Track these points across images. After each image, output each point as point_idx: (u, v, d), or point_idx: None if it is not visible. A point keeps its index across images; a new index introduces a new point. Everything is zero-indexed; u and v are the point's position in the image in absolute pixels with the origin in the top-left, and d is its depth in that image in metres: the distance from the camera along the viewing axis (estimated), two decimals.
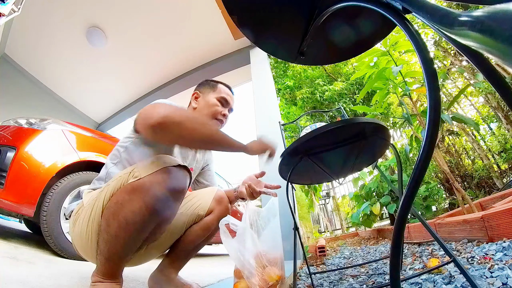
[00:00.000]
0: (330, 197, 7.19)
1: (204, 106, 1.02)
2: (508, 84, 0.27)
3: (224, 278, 1.48)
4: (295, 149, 0.89)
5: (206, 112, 1.01)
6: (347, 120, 0.84)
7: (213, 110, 1.01)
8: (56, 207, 1.44)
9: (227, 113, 1.05)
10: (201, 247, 1.04)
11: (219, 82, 1.10)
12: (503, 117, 4.59)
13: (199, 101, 1.04)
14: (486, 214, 1.20)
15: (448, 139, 4.65)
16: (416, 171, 0.36)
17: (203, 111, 1.01)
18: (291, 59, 0.75)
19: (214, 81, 1.09)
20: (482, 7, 0.18)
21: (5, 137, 1.45)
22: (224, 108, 1.04)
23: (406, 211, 0.40)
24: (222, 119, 1.03)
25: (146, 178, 0.67)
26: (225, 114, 1.04)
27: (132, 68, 3.80)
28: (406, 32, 0.36)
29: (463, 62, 5.09)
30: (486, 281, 0.76)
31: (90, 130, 1.88)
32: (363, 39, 0.72)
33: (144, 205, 0.65)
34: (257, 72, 3.21)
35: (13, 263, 1.06)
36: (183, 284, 0.96)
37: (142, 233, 0.69)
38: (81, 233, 0.74)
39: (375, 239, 3.03)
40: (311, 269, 1.47)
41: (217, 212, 0.97)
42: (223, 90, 1.06)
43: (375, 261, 1.52)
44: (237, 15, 0.60)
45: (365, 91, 2.13)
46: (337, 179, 1.14)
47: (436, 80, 0.34)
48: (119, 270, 0.71)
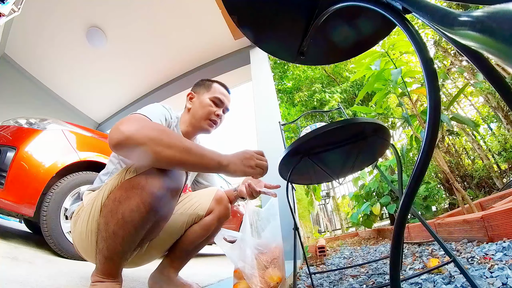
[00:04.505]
0: (330, 197, 7.19)
1: (198, 107, 1.00)
2: (508, 84, 0.27)
3: (224, 278, 1.48)
4: (295, 149, 0.89)
5: (199, 113, 0.99)
6: (347, 120, 0.84)
7: (206, 110, 0.99)
8: (56, 207, 1.44)
9: (221, 113, 1.03)
10: (201, 247, 1.03)
11: (215, 81, 1.07)
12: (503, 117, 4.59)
13: (193, 101, 1.03)
14: (486, 214, 1.20)
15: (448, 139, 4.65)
16: (416, 171, 0.36)
17: (197, 112, 1.00)
18: (291, 59, 0.75)
19: (210, 81, 1.07)
20: (482, 7, 0.18)
21: (5, 137, 1.45)
22: (218, 108, 1.02)
23: (406, 211, 0.40)
24: (215, 119, 1.01)
25: (142, 175, 0.67)
26: (219, 114, 1.02)
27: (132, 68, 3.80)
28: (406, 32, 0.36)
29: (463, 62, 5.09)
30: (486, 281, 0.76)
31: (90, 130, 1.88)
32: (363, 39, 0.72)
33: (141, 201, 0.65)
34: (257, 72, 3.21)
35: (13, 263, 1.06)
36: (183, 284, 0.96)
37: (140, 230, 0.69)
38: (81, 233, 0.75)
39: (375, 239, 3.03)
40: (311, 269, 1.47)
41: (217, 212, 0.97)
42: (217, 90, 1.04)
43: (375, 261, 1.52)
44: (237, 15, 0.60)
45: (363, 92, 2.13)
46: (337, 179, 1.14)
47: (436, 80, 0.34)
48: (118, 269, 0.71)
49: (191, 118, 1.01)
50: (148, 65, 3.77)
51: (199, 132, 1.03)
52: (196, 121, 1.00)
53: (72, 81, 3.87)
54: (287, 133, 5.21)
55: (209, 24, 3.19)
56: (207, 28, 3.26)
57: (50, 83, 3.80)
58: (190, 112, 1.02)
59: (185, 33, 3.33)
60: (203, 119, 1.00)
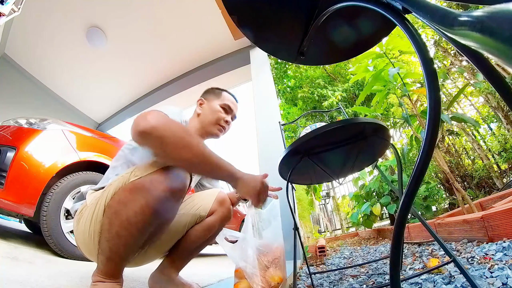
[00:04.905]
0: (330, 197, 7.19)
1: (208, 112, 1.05)
2: (508, 84, 0.27)
3: (224, 278, 1.48)
4: (295, 149, 0.89)
5: (209, 118, 1.04)
6: (347, 120, 0.84)
7: (216, 116, 1.04)
8: (56, 207, 1.44)
9: (230, 120, 1.08)
10: (202, 248, 1.04)
11: (224, 90, 1.13)
12: (503, 117, 4.59)
13: (203, 107, 1.07)
14: (486, 214, 1.20)
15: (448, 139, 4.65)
16: (416, 171, 0.36)
17: (207, 117, 1.04)
18: (291, 59, 0.75)
19: (219, 89, 1.13)
20: (482, 7, 0.18)
21: (5, 137, 1.45)
22: (227, 115, 1.07)
23: (406, 211, 0.40)
24: (224, 125, 1.06)
25: (147, 177, 0.67)
26: (228, 121, 1.07)
27: (132, 68, 3.81)
28: (406, 32, 0.36)
29: (463, 62, 5.09)
30: (486, 281, 0.76)
31: (90, 130, 1.88)
32: (363, 39, 0.72)
33: (145, 204, 0.65)
34: (257, 72, 3.22)
35: (13, 263, 1.06)
36: (183, 284, 0.96)
37: (144, 232, 0.70)
38: (84, 233, 0.75)
39: (375, 239, 3.03)
40: (311, 269, 1.47)
41: (219, 214, 0.98)
42: (227, 98, 1.09)
43: (375, 261, 1.52)
44: (237, 15, 0.60)
45: (364, 94, 2.13)
46: (337, 179, 1.14)
47: (436, 80, 0.34)
48: (120, 270, 0.71)
49: (201, 123, 1.05)
50: (148, 65, 3.77)
51: (207, 137, 1.07)
52: (206, 126, 1.04)
53: (72, 81, 3.87)
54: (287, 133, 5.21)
55: (209, 24, 3.19)
56: (207, 28, 3.26)
57: (50, 83, 3.80)
58: (199, 117, 1.06)
59: (185, 33, 3.33)
60: (212, 124, 1.04)
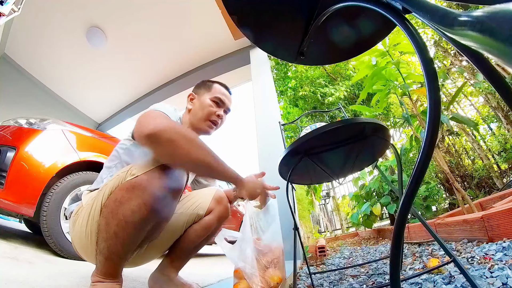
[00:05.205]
0: (330, 197, 7.20)
1: (198, 108, 0.99)
2: (508, 84, 0.27)
3: (224, 278, 1.48)
4: (295, 149, 0.89)
5: (200, 114, 0.98)
6: (347, 120, 0.84)
7: (206, 111, 0.98)
8: (56, 207, 1.44)
9: (222, 113, 1.02)
10: (201, 247, 1.04)
11: (216, 82, 1.07)
12: (503, 117, 4.59)
13: (194, 102, 1.02)
14: (486, 214, 1.20)
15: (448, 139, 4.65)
16: (416, 171, 0.36)
17: (197, 113, 0.99)
18: (291, 59, 0.75)
19: (211, 81, 1.06)
20: (482, 7, 0.18)
21: (5, 137, 1.45)
22: (219, 108, 1.01)
23: (406, 211, 0.40)
24: (216, 120, 1.00)
25: (143, 176, 0.67)
26: (220, 114, 1.01)
27: (132, 68, 3.80)
28: (406, 32, 0.36)
29: (463, 62, 5.09)
30: (486, 281, 0.76)
31: (90, 130, 1.88)
32: (363, 39, 0.72)
33: (142, 203, 0.65)
34: (257, 72, 3.21)
35: (13, 263, 1.06)
36: (183, 284, 0.96)
37: (141, 231, 0.69)
38: (81, 233, 0.74)
39: (375, 239, 3.03)
40: (311, 269, 1.47)
41: (217, 212, 0.97)
42: (218, 90, 1.03)
43: (375, 261, 1.52)
44: (237, 15, 0.60)
45: (365, 92, 2.13)
46: (337, 179, 1.14)
47: (436, 80, 0.34)
48: (119, 270, 0.71)
49: (191, 119, 1.00)
50: (148, 65, 3.77)
51: (199, 134, 1.02)
52: (196, 122, 0.99)
53: (72, 81, 3.87)
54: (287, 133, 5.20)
55: (209, 24, 3.19)
56: (207, 28, 3.26)
57: (50, 83, 3.80)
58: (190, 113, 1.01)
59: (185, 33, 3.33)
60: (202, 120, 0.99)
